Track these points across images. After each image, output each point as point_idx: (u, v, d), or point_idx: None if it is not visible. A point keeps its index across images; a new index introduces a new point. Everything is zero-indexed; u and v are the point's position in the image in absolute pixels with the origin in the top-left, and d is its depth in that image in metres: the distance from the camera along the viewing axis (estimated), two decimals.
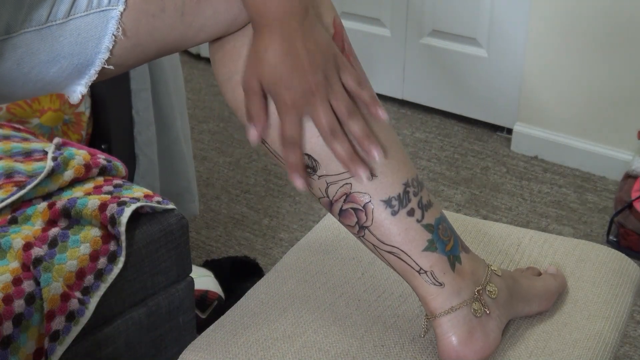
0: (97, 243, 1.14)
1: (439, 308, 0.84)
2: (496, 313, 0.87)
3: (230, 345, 0.93)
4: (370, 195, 0.83)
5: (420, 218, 0.85)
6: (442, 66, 2.56)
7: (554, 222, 2.10)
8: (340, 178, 0.83)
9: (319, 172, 0.84)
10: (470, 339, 0.84)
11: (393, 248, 0.84)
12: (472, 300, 0.85)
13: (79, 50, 0.80)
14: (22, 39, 0.77)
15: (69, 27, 0.79)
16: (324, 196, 0.85)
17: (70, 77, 0.82)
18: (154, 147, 1.67)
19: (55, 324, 1.06)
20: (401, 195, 0.84)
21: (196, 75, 2.99)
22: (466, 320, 0.85)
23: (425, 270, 0.84)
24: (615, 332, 0.96)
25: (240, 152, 2.45)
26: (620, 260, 1.08)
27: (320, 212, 2.14)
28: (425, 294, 0.85)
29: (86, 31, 0.79)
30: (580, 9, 2.18)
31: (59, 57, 0.80)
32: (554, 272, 1.00)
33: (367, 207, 0.84)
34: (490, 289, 0.87)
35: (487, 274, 0.88)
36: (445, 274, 0.85)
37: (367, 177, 0.82)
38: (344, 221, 0.86)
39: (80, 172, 1.24)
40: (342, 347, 0.91)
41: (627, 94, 2.19)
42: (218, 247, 2.01)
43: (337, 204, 0.85)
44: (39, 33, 0.77)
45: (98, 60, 0.81)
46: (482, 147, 2.47)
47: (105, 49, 0.80)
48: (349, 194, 0.84)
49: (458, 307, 0.84)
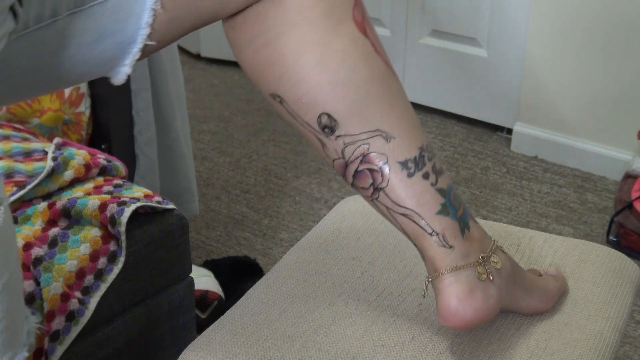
0: (97, 243, 1.14)
1: (445, 267, 0.85)
2: (498, 282, 0.88)
3: (231, 345, 0.93)
4: (387, 156, 0.85)
5: (434, 182, 0.86)
6: (442, 66, 2.56)
7: (554, 222, 2.10)
8: (358, 138, 0.84)
9: (338, 131, 0.85)
10: (470, 295, 0.85)
11: (407, 210, 0.85)
12: (476, 263, 0.87)
13: (120, 27, 0.79)
14: (67, 22, 0.77)
15: (109, 5, 0.78)
16: (339, 157, 0.86)
17: (114, 58, 0.82)
18: (154, 147, 1.67)
19: (55, 324, 1.06)
20: (417, 158, 0.85)
21: (196, 75, 2.99)
22: (469, 279, 0.86)
23: (437, 232, 0.85)
24: (615, 332, 0.97)
25: (240, 152, 2.45)
26: (621, 261, 1.08)
27: (320, 212, 2.14)
28: (434, 255, 0.86)
29: (126, 7, 0.79)
30: (580, 9, 2.18)
31: (102, 37, 0.79)
32: (554, 273, 1.00)
33: (383, 168, 0.85)
34: (494, 259, 0.88)
35: (493, 245, 0.89)
36: (455, 238, 0.86)
37: None
38: (358, 183, 0.87)
39: (80, 172, 1.24)
40: (342, 346, 0.91)
41: (627, 94, 2.19)
42: (218, 247, 2.01)
43: (353, 165, 0.85)
44: (82, 14, 0.77)
45: (140, 37, 0.80)
46: (482, 147, 2.47)
47: (145, 25, 0.80)
48: (366, 154, 0.85)
49: (463, 267, 0.86)
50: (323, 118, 0.84)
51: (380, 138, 0.85)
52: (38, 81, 0.82)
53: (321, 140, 0.86)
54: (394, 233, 1.09)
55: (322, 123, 0.85)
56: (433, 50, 2.55)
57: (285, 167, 2.37)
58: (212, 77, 2.98)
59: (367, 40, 0.86)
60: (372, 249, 1.07)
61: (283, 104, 0.86)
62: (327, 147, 0.86)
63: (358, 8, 0.86)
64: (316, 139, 0.86)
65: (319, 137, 0.86)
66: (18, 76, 0.79)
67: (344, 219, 1.14)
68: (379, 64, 0.87)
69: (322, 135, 0.85)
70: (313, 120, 0.85)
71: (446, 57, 2.53)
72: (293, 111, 0.86)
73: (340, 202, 1.19)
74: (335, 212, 1.17)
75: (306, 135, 0.88)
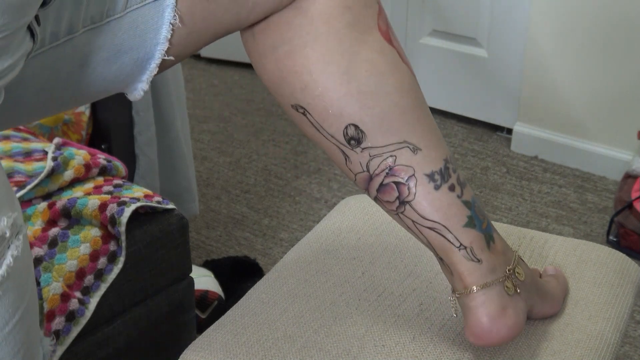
0: (97, 243, 1.14)
1: (475, 283, 0.84)
2: (524, 295, 0.88)
3: (231, 345, 0.93)
4: (414, 169, 0.83)
5: (460, 194, 0.85)
6: (442, 66, 2.55)
7: (554, 222, 2.10)
8: (385, 150, 0.83)
9: (364, 144, 0.83)
10: (503, 314, 0.85)
11: (434, 224, 0.84)
12: (504, 278, 0.86)
13: (138, 43, 0.77)
14: (84, 38, 0.74)
15: (126, 21, 0.76)
16: (363, 170, 0.84)
17: (131, 74, 0.80)
18: (154, 147, 1.67)
19: (55, 324, 1.06)
20: (442, 170, 0.84)
21: (196, 75, 2.99)
22: (499, 296, 0.85)
23: (465, 246, 0.84)
24: (616, 332, 0.96)
25: (240, 152, 2.45)
26: (621, 261, 1.08)
27: (320, 212, 2.13)
28: (463, 270, 0.85)
29: (144, 23, 0.77)
30: (581, 9, 2.18)
31: (120, 53, 0.77)
32: (553, 273, 1.00)
33: (410, 180, 0.83)
34: (518, 271, 0.88)
35: (515, 256, 0.89)
36: (482, 251, 0.85)
37: None
38: (382, 197, 0.85)
39: (80, 172, 1.23)
40: (343, 346, 0.91)
41: (627, 94, 2.19)
42: (218, 247, 2.01)
43: (378, 178, 0.84)
44: (99, 30, 0.75)
45: (158, 52, 0.78)
46: (482, 147, 2.47)
47: (163, 39, 0.78)
48: (392, 167, 0.83)
49: (492, 283, 0.85)
50: (350, 130, 0.82)
51: (407, 150, 0.83)
52: (54, 101, 0.80)
53: (345, 153, 0.84)
54: (394, 233, 1.09)
55: (349, 135, 0.83)
56: (433, 50, 2.55)
57: (285, 167, 2.36)
58: (212, 77, 2.98)
59: (393, 49, 0.84)
60: (373, 249, 1.07)
61: (306, 116, 0.84)
62: (351, 160, 0.84)
63: (382, 17, 0.84)
64: (339, 152, 0.84)
65: (343, 150, 0.84)
66: (33, 96, 0.77)
67: (345, 218, 1.14)
68: (405, 73, 0.85)
69: (346, 148, 0.83)
70: (339, 132, 0.83)
71: (446, 57, 2.53)
72: (317, 123, 0.84)
73: (341, 202, 1.19)
74: (336, 211, 1.17)
75: (328, 149, 0.85)
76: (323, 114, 0.83)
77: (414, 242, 1.03)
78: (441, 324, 0.94)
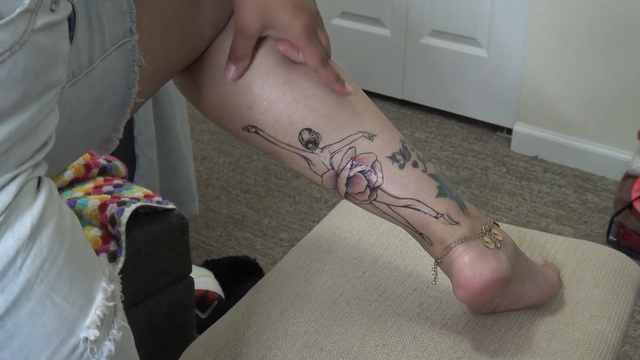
0: (97, 243, 1.14)
1: (454, 240, 0.87)
2: (505, 252, 0.89)
3: (231, 345, 0.93)
4: (375, 154, 0.86)
5: (424, 169, 0.88)
6: (442, 66, 2.55)
7: (554, 222, 2.10)
8: (343, 144, 0.86)
9: (322, 143, 0.86)
10: (482, 259, 0.87)
11: (408, 200, 0.87)
12: (482, 234, 0.88)
13: (112, 91, 0.78)
14: (70, 92, 0.74)
15: (98, 70, 0.76)
16: (328, 169, 0.87)
17: (109, 124, 0.80)
18: (154, 147, 1.67)
19: None
20: (402, 150, 0.88)
21: None
22: (478, 247, 0.87)
23: (441, 213, 0.87)
24: (617, 332, 0.97)
25: (240, 152, 2.45)
26: (621, 261, 1.08)
27: (320, 212, 2.13)
28: (443, 233, 0.87)
29: (114, 69, 0.77)
30: (580, 9, 2.18)
31: (98, 104, 0.77)
32: (542, 264, 1.01)
33: (375, 165, 0.86)
34: (495, 231, 0.90)
35: (490, 220, 0.91)
36: (459, 215, 0.88)
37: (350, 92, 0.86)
38: (352, 190, 0.87)
39: (80, 172, 1.23)
40: (344, 346, 0.91)
41: (627, 94, 2.19)
42: (218, 247, 2.01)
43: (344, 172, 0.87)
44: (79, 83, 0.74)
45: (130, 96, 0.80)
46: (482, 147, 2.47)
47: (133, 82, 0.79)
48: (354, 157, 0.86)
49: (470, 238, 0.87)
50: (304, 134, 0.86)
51: (363, 138, 0.86)
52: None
53: (306, 158, 0.86)
54: (395, 233, 1.09)
55: (305, 139, 0.86)
56: (433, 50, 2.55)
57: (285, 167, 2.37)
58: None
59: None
60: (374, 249, 1.07)
61: (259, 133, 0.86)
62: (314, 162, 0.87)
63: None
64: (301, 159, 0.87)
65: (304, 156, 0.86)
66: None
67: (345, 218, 1.14)
68: (337, 68, 0.88)
69: (306, 152, 0.86)
70: (294, 139, 0.86)
71: (446, 57, 2.53)
72: (271, 137, 0.86)
73: (342, 202, 1.19)
74: (336, 211, 1.17)
75: (288, 159, 0.88)
76: (275, 126, 0.86)
77: (414, 242, 1.03)
78: (442, 324, 0.94)
